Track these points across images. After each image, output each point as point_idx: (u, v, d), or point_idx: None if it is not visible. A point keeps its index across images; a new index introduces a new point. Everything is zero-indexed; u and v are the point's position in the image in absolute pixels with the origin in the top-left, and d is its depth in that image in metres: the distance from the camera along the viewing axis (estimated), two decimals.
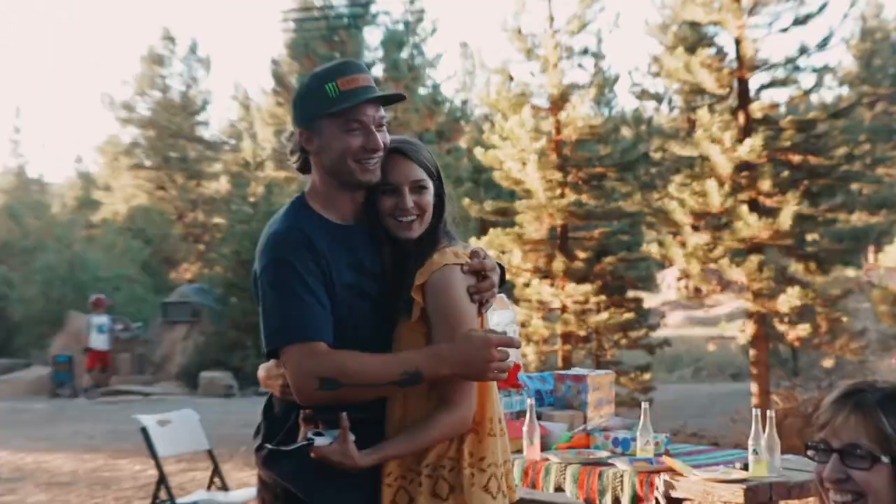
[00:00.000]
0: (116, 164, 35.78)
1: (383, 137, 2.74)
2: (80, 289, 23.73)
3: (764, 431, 3.95)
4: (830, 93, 14.98)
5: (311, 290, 2.63)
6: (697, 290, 25.73)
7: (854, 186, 15.14)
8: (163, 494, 6.48)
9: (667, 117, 31.92)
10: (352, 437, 2.55)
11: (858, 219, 20.83)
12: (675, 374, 21.43)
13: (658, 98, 32.22)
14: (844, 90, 25.14)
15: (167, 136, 35.28)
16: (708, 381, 20.89)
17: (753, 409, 4.02)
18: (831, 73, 13.55)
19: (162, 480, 6.45)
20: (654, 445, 4.22)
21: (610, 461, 4.18)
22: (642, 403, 4.23)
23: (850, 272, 27.68)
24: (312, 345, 2.60)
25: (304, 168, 2.85)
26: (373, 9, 30.72)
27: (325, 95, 2.70)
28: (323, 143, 2.73)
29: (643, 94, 31.07)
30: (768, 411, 3.99)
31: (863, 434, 1.93)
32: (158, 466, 6.45)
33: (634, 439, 4.29)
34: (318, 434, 2.54)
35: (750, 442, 3.94)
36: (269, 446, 2.66)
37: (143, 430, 6.45)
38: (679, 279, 33.22)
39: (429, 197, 2.77)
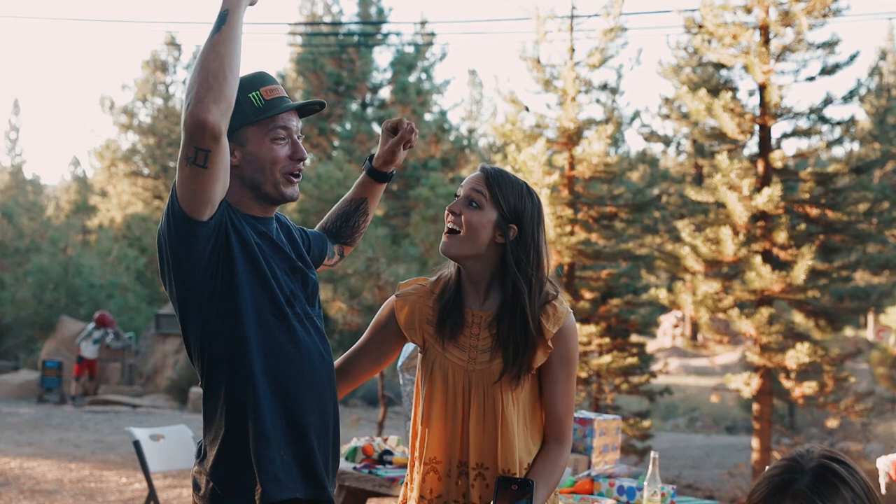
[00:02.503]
0: (114, 170, 35.45)
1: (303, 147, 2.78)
2: (73, 294, 23.44)
3: None
4: (840, 148, 14.78)
5: None
6: (694, 337, 25.50)
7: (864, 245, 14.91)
8: None
9: (673, 161, 31.99)
10: None
11: (861, 278, 20.63)
12: (670, 423, 21.09)
13: (667, 141, 32.28)
14: (856, 146, 25.01)
15: (167, 145, 34.99)
16: (703, 432, 20.55)
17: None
18: (851, 127, 13.25)
19: (152, 496, 6.23)
20: (660, 496, 4.09)
21: None
22: (651, 453, 4.10)
23: (849, 332, 27.50)
24: None
25: None
26: (384, 28, 30.56)
27: (251, 104, 2.67)
28: (248, 154, 2.69)
29: (651, 136, 31.09)
30: None
31: None
32: (149, 481, 6.22)
33: (640, 489, 4.20)
34: None
35: None
36: None
37: (136, 444, 6.23)
38: (675, 326, 33.03)
39: (477, 217, 2.72)
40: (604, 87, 14.22)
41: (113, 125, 36.04)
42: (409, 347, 5.22)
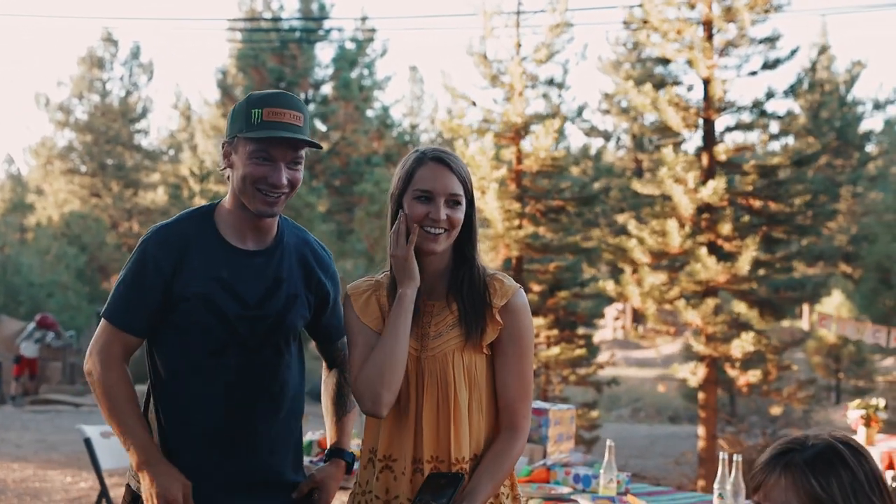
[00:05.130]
0: (50, 168, 34.87)
1: (292, 175, 2.76)
2: (12, 293, 23.03)
3: (730, 475, 3.89)
4: (777, 142, 15.13)
5: (142, 285, 2.79)
6: (635, 328, 25.81)
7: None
8: None
9: (613, 155, 32.42)
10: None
11: (796, 269, 21.08)
12: (614, 414, 21.35)
13: (606, 136, 32.64)
14: (790, 140, 25.45)
15: (104, 142, 34.51)
16: (646, 422, 20.85)
17: (721, 453, 4.00)
18: (789, 121, 13.53)
19: (104, 494, 6.14)
20: (616, 484, 4.15)
21: (572, 497, 4.10)
22: (607, 441, 4.15)
23: (785, 322, 28.03)
24: (119, 333, 2.83)
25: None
26: (326, 24, 30.45)
27: (248, 119, 2.73)
28: (235, 162, 2.77)
29: (592, 131, 31.43)
30: (735, 455, 3.95)
31: (794, 497, 1.88)
32: (101, 479, 6.15)
33: (595, 476, 4.23)
34: None
35: (716, 485, 3.90)
36: None
37: (87, 442, 6.12)
38: (616, 318, 33.44)
39: (460, 214, 2.62)
40: (550, 82, 14.36)
41: (49, 122, 35.43)
42: None
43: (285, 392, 2.90)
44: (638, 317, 30.99)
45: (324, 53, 30.34)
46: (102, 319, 2.86)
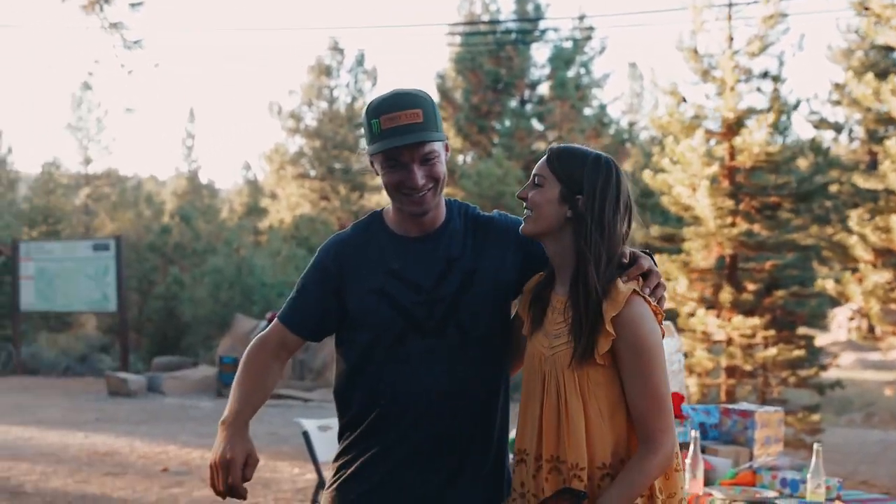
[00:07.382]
0: (283, 173, 36.49)
1: (429, 171, 2.77)
2: (247, 292, 24.22)
3: None
4: None
5: (310, 289, 2.92)
6: (871, 330, 24.54)
7: None
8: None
9: (846, 148, 30.84)
10: None
11: None
12: (844, 418, 20.35)
13: (837, 128, 31.10)
14: None
15: (331, 147, 35.78)
16: (880, 428, 19.76)
17: None
18: None
19: (321, 484, 6.40)
20: (825, 489, 3.95)
21: (777, 502, 3.95)
22: (814, 445, 3.95)
23: None
24: (282, 327, 2.97)
25: None
26: (541, 25, 30.52)
27: (371, 132, 2.79)
28: (378, 170, 2.84)
29: (821, 123, 30.00)
30: None
31: None
32: (318, 470, 6.44)
33: (804, 481, 4.03)
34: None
35: None
36: None
37: (305, 434, 6.49)
38: (851, 318, 31.77)
39: (539, 195, 2.68)
40: (764, 74, 13.87)
41: (281, 129, 37.08)
42: None
43: (484, 377, 2.87)
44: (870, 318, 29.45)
45: (539, 54, 30.42)
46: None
